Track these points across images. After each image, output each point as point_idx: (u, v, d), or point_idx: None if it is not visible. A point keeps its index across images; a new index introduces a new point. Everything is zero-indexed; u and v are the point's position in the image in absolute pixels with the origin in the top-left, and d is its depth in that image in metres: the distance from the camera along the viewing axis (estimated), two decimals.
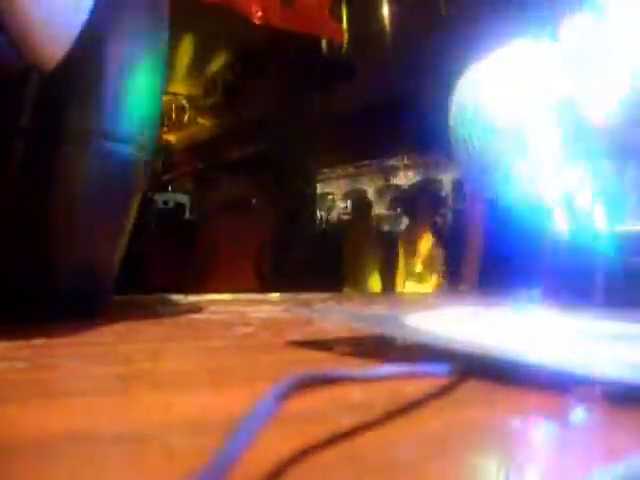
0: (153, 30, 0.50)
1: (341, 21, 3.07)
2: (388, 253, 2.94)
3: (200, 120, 5.05)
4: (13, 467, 0.16)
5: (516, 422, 0.22)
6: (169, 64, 0.54)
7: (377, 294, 2.29)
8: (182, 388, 0.26)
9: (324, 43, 3.42)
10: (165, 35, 0.51)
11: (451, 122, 0.72)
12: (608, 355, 0.28)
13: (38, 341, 0.35)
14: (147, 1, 0.49)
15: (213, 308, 0.58)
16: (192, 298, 0.67)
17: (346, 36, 3.08)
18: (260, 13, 2.61)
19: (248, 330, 0.44)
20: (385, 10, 3.30)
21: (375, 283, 3.01)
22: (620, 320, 0.37)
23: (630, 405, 0.22)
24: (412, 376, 0.25)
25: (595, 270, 0.56)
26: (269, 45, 3.45)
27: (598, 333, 0.35)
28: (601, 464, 0.17)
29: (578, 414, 0.23)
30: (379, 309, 0.68)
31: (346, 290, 2.81)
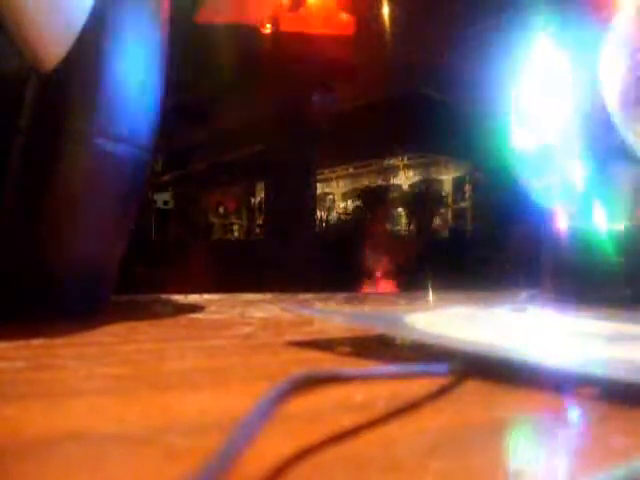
0: (154, 30, 0.50)
1: (350, 16, 3.05)
2: None
3: None
4: (13, 467, 0.16)
5: (516, 422, 0.22)
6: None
7: (374, 293, 2.29)
8: (182, 388, 0.26)
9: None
10: (166, 35, 0.51)
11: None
12: (607, 355, 0.28)
13: (38, 341, 0.35)
14: (147, 1, 0.49)
15: (213, 308, 0.58)
16: (192, 298, 0.67)
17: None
18: (269, 24, 2.61)
19: (248, 330, 0.44)
20: (386, 10, 3.29)
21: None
22: (620, 320, 0.37)
23: (629, 405, 0.22)
24: (412, 376, 0.25)
25: (595, 269, 0.56)
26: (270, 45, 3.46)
27: (597, 333, 0.35)
28: (601, 464, 0.17)
29: (578, 414, 0.23)
30: (378, 309, 0.68)
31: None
